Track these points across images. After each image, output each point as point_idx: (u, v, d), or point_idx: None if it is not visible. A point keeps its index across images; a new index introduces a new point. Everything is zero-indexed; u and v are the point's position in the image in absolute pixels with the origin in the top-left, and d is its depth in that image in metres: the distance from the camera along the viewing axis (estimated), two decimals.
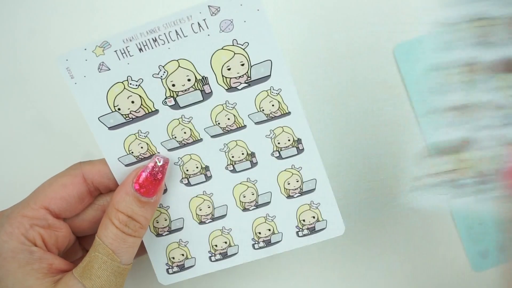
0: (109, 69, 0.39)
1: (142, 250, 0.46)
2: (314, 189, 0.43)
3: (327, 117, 0.50)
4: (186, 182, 0.43)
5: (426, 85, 0.49)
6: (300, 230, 0.44)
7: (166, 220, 0.44)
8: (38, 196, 0.41)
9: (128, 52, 0.39)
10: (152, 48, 0.39)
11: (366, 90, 0.52)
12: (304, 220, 0.44)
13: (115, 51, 0.39)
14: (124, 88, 0.40)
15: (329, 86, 0.52)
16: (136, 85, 0.40)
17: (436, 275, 0.51)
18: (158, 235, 0.44)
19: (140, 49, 0.39)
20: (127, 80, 0.40)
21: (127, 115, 0.41)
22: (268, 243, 0.44)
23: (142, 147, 0.42)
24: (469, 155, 0.44)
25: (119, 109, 0.40)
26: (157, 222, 0.44)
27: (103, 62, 0.39)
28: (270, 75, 0.40)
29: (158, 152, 0.42)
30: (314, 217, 0.43)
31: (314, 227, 0.44)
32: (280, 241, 0.44)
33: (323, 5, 0.53)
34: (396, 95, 0.51)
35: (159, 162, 0.41)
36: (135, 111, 0.41)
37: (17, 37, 0.54)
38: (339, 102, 0.51)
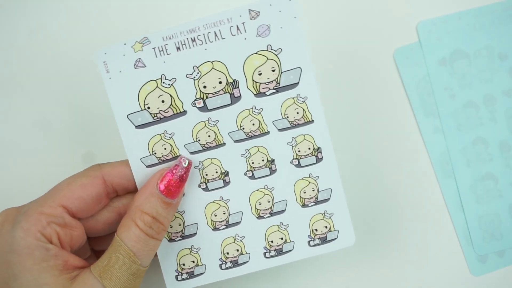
0: (145, 66, 0.39)
1: None
2: (328, 198, 0.44)
3: (327, 119, 0.51)
4: (204, 187, 0.43)
5: (426, 88, 0.51)
6: (312, 239, 0.44)
7: (180, 225, 0.43)
8: (57, 194, 0.41)
9: (166, 50, 0.39)
10: (190, 48, 0.39)
11: (366, 93, 0.53)
12: (316, 230, 0.44)
13: (154, 48, 0.39)
14: (157, 86, 0.40)
15: (329, 90, 0.53)
16: (169, 84, 0.40)
17: (435, 280, 0.52)
18: (171, 240, 0.43)
19: (178, 48, 0.39)
20: (161, 78, 0.40)
21: (155, 115, 0.40)
22: (280, 252, 0.44)
23: (165, 148, 0.41)
24: None
25: (148, 107, 0.40)
26: (171, 227, 0.43)
27: (140, 58, 0.39)
28: (298, 82, 0.41)
29: (180, 155, 0.41)
30: (326, 227, 0.44)
31: (326, 237, 0.44)
32: (291, 250, 0.44)
33: (323, 10, 0.54)
34: (396, 98, 0.53)
35: (184, 163, 0.41)
36: (164, 111, 0.40)
37: (17, 37, 0.53)
38: (339, 104, 0.52)
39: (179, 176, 0.40)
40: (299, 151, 0.43)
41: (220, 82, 0.40)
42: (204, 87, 0.40)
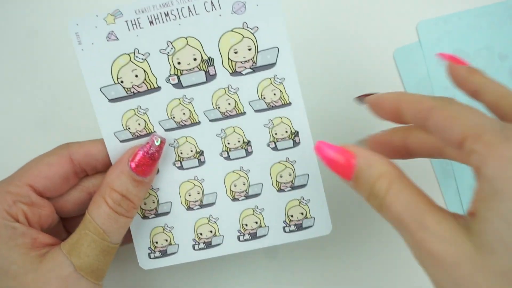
0: (118, 39, 0.39)
1: (129, 238, 0.45)
2: (305, 184, 0.43)
3: (327, 119, 0.50)
4: (179, 165, 0.42)
5: (426, 88, 0.50)
6: (287, 225, 0.43)
7: (154, 202, 0.43)
8: (23, 173, 0.41)
9: (139, 23, 0.39)
10: (163, 22, 0.39)
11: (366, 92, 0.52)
12: (292, 216, 0.43)
13: (126, 21, 0.39)
14: (130, 60, 0.40)
15: (329, 89, 0.52)
16: (142, 59, 0.40)
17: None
18: (144, 217, 0.43)
19: (151, 22, 0.39)
20: (134, 52, 0.40)
21: (129, 89, 0.40)
22: (254, 236, 0.44)
23: (139, 124, 0.41)
24: None
25: (122, 81, 0.40)
26: (145, 204, 0.43)
27: (112, 31, 0.39)
28: (275, 63, 0.40)
29: (155, 131, 0.41)
30: (302, 214, 0.43)
31: (302, 223, 0.43)
32: (266, 235, 0.44)
33: (324, 9, 0.54)
34: None
35: (157, 141, 0.40)
36: (137, 86, 0.40)
37: (17, 37, 0.54)
38: (339, 104, 0.51)
39: (150, 155, 0.40)
40: (276, 133, 0.42)
41: (195, 59, 0.40)
42: (179, 63, 0.40)
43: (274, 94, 0.41)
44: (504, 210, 0.29)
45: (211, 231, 0.44)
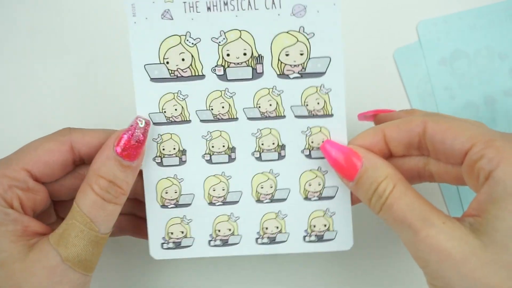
0: (172, 19, 0.38)
1: (124, 230, 0.45)
2: (333, 196, 0.42)
3: None
4: (208, 158, 0.41)
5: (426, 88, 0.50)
6: (308, 235, 0.43)
7: (176, 192, 0.42)
8: (22, 157, 0.40)
9: (196, 7, 0.38)
10: (221, 11, 0.38)
11: (367, 93, 0.52)
12: (314, 226, 0.42)
13: (184, 2, 0.38)
14: (180, 42, 0.39)
15: None
16: (193, 44, 0.39)
17: None
18: (163, 206, 0.42)
19: (209, 8, 0.38)
20: (186, 35, 0.39)
21: (173, 71, 0.39)
22: (273, 240, 0.43)
23: (176, 109, 0.40)
24: None
25: (167, 62, 0.39)
26: (166, 193, 0.42)
27: (168, 9, 0.38)
28: (325, 72, 0.39)
29: (190, 120, 0.40)
30: (325, 225, 0.42)
31: (323, 235, 0.42)
32: (285, 241, 0.43)
33: None
34: (396, 98, 0.52)
35: (141, 123, 0.39)
36: (182, 70, 0.39)
37: (17, 37, 0.54)
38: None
39: (136, 138, 0.39)
40: (312, 142, 0.41)
41: (245, 54, 0.39)
42: (228, 55, 0.39)
43: (318, 103, 0.40)
44: None
45: (229, 229, 0.43)
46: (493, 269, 0.32)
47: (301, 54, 0.39)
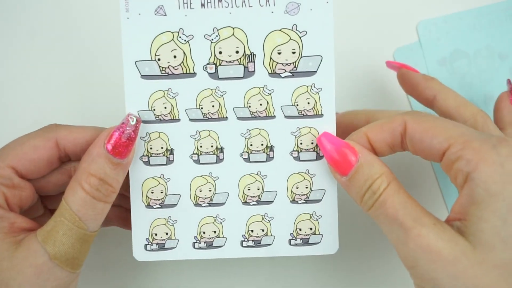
0: (165, 15, 0.38)
1: (111, 221, 0.45)
2: (320, 200, 0.42)
3: None
4: (196, 158, 0.41)
5: None
6: (294, 238, 0.42)
7: (162, 192, 0.41)
8: (6, 154, 0.39)
9: (190, 3, 0.38)
10: (215, 7, 0.38)
11: (366, 93, 0.53)
12: (300, 229, 0.42)
13: None
14: (172, 39, 0.38)
15: None
16: (185, 41, 0.38)
17: None
18: (148, 206, 0.41)
19: (203, 5, 0.38)
20: (178, 32, 0.38)
21: (164, 69, 0.39)
22: (258, 243, 0.42)
23: (165, 107, 0.40)
24: None
25: (159, 59, 0.39)
26: (152, 193, 0.41)
27: (162, 5, 0.38)
28: (316, 71, 0.39)
29: (179, 118, 0.40)
30: (311, 229, 0.42)
31: (309, 239, 0.42)
32: (270, 244, 0.42)
33: None
34: (397, 98, 0.52)
35: (132, 121, 0.38)
36: (173, 67, 0.39)
37: (17, 37, 0.53)
38: (338, 104, 0.51)
39: (127, 135, 0.38)
40: (301, 143, 0.41)
41: (237, 52, 0.39)
42: (220, 52, 0.39)
43: (308, 103, 0.40)
44: (499, 209, 0.32)
45: (215, 231, 0.42)
46: (483, 269, 0.32)
47: (293, 53, 0.39)
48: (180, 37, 0.38)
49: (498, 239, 0.32)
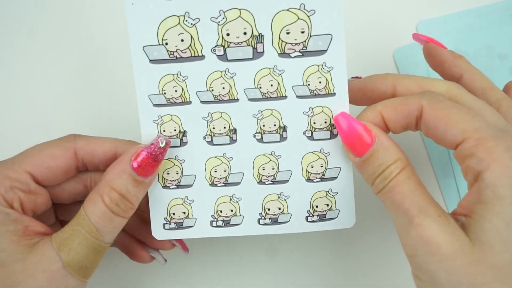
0: None
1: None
2: (336, 177, 0.41)
3: None
4: (209, 140, 0.41)
5: None
6: (311, 215, 0.42)
7: (177, 173, 0.42)
8: (25, 160, 0.40)
9: None
10: None
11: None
12: (317, 206, 0.42)
13: None
14: (179, 23, 0.38)
15: None
16: (191, 24, 0.38)
17: None
18: (165, 187, 0.42)
19: None
20: (184, 15, 0.38)
21: (172, 53, 0.39)
22: (275, 221, 0.43)
23: (176, 91, 0.40)
24: None
25: (166, 43, 0.39)
26: (168, 174, 0.42)
27: None
28: (326, 50, 0.39)
29: (190, 101, 0.40)
30: (327, 205, 0.42)
31: (325, 215, 0.42)
32: (287, 222, 0.43)
33: None
34: None
35: (161, 143, 0.39)
36: (181, 50, 0.39)
37: (17, 37, 0.54)
38: None
39: (154, 156, 0.39)
40: (314, 122, 0.40)
41: (245, 33, 0.38)
42: (227, 34, 0.38)
43: (320, 82, 0.39)
44: (505, 212, 0.32)
45: (231, 210, 0.42)
46: (480, 268, 0.32)
47: (302, 32, 0.38)
48: (186, 20, 0.38)
49: (498, 240, 0.32)
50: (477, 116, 0.36)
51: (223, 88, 0.40)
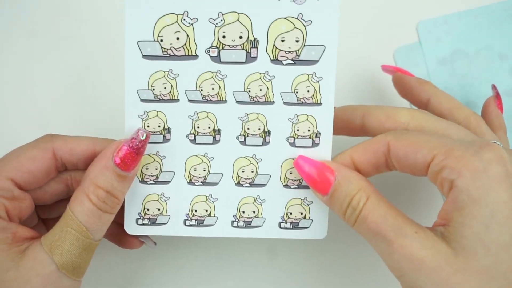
0: None
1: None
2: None
3: None
4: (192, 138, 0.41)
5: None
6: (284, 221, 0.43)
7: (156, 169, 0.41)
8: (4, 167, 0.39)
9: None
10: None
11: (366, 93, 0.53)
12: (291, 213, 0.43)
13: None
14: (176, 21, 0.38)
15: None
16: (189, 23, 0.38)
17: None
18: (143, 181, 0.41)
19: None
20: (183, 14, 0.38)
21: (166, 50, 0.38)
22: (248, 224, 0.43)
23: (165, 88, 0.39)
24: None
25: (161, 40, 0.38)
26: (147, 169, 0.41)
27: None
28: (318, 60, 0.39)
29: (177, 100, 0.40)
30: (301, 213, 0.43)
31: (298, 223, 0.43)
32: (260, 226, 0.43)
33: None
34: (396, 98, 0.52)
35: (142, 136, 0.39)
36: (176, 49, 0.38)
37: (17, 37, 0.53)
38: (339, 103, 0.51)
39: (136, 149, 0.38)
40: (297, 130, 0.41)
41: (241, 37, 0.39)
42: (224, 37, 0.38)
43: (308, 91, 0.40)
44: (482, 215, 0.33)
45: (206, 210, 0.42)
46: (465, 276, 0.33)
47: (297, 41, 0.39)
48: (184, 19, 0.38)
49: (480, 245, 0.33)
50: (443, 135, 0.37)
51: (213, 88, 0.40)
